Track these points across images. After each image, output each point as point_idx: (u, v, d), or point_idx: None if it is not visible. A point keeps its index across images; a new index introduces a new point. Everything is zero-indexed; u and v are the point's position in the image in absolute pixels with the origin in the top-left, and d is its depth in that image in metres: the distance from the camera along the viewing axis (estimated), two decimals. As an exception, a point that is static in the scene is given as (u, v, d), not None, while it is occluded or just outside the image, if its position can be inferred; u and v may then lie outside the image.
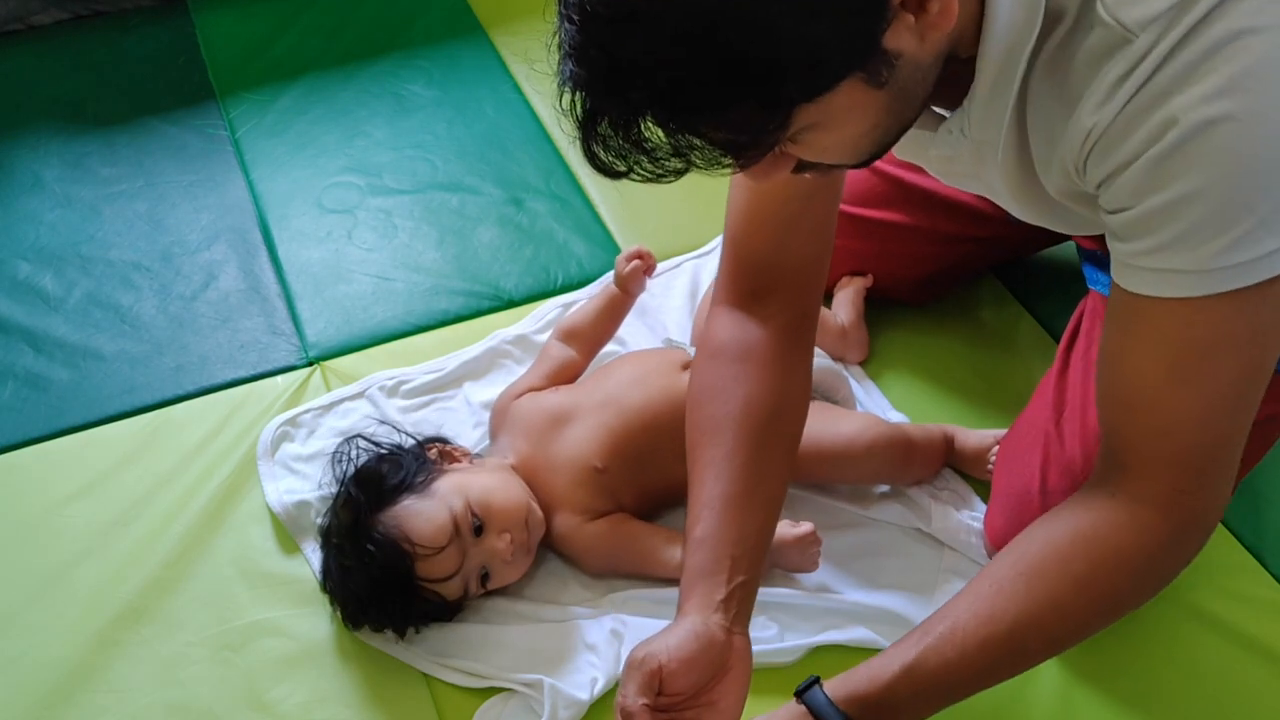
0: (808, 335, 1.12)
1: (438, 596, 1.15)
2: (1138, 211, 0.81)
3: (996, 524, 1.21)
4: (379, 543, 1.13)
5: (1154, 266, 0.81)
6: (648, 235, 1.62)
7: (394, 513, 1.15)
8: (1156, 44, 0.76)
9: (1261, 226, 0.77)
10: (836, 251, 1.42)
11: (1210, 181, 0.77)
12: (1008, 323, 1.50)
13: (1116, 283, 0.86)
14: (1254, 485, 1.29)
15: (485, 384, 1.41)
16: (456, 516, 1.15)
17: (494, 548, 1.16)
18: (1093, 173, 0.83)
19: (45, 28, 1.99)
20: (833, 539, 1.25)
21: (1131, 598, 0.95)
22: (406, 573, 1.13)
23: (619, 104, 0.73)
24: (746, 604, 0.99)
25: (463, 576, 1.16)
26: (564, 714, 1.11)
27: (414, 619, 1.16)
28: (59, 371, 1.46)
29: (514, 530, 1.17)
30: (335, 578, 1.17)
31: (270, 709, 1.15)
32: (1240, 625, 1.21)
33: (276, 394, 1.43)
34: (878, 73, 0.75)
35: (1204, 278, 0.79)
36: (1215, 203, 0.77)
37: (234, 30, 1.98)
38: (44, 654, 1.19)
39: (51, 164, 1.75)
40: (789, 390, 1.09)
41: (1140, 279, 0.83)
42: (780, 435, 1.07)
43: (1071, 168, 0.85)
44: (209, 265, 1.60)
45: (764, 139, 0.75)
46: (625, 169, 0.77)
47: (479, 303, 1.54)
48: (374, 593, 1.14)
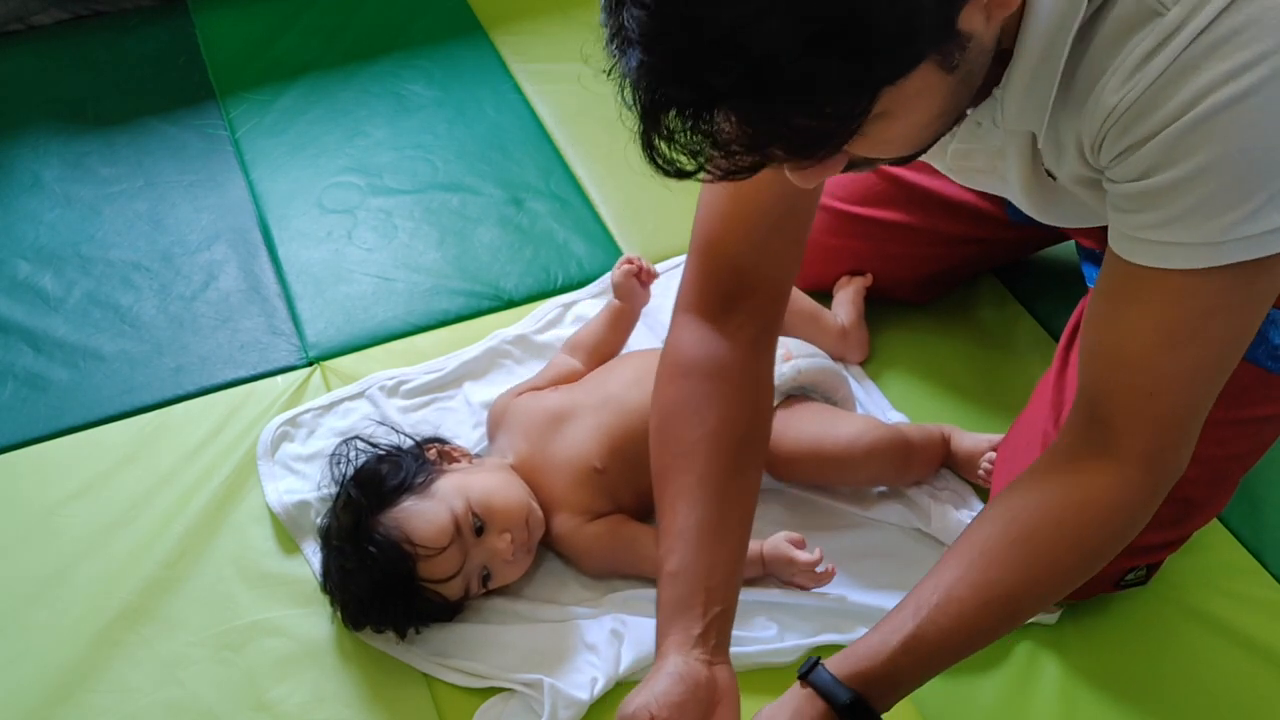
0: (771, 350, 1.12)
1: (439, 597, 1.15)
2: (1151, 183, 0.81)
3: None
4: (380, 544, 1.13)
5: (1160, 239, 0.82)
6: (648, 235, 1.62)
7: (395, 514, 1.15)
8: (1189, 18, 0.75)
9: (1270, 203, 0.78)
10: (836, 251, 1.42)
11: (1227, 156, 0.77)
12: (1008, 323, 1.50)
13: (1115, 253, 0.86)
14: (1254, 486, 1.29)
15: (485, 384, 1.41)
16: (458, 517, 1.15)
17: (495, 547, 1.16)
18: (1109, 149, 0.83)
19: (45, 28, 1.99)
20: (833, 540, 1.26)
21: (1114, 551, 0.96)
22: (408, 574, 1.13)
23: (695, 90, 0.68)
24: (725, 632, 1.00)
25: (464, 576, 1.16)
26: (564, 714, 1.11)
27: (415, 619, 1.16)
28: (59, 371, 1.46)
29: (515, 530, 1.17)
30: (336, 579, 1.17)
31: (270, 709, 1.15)
32: (1240, 625, 1.21)
33: (276, 394, 1.43)
34: (951, 55, 0.73)
35: (1211, 250, 0.80)
36: (1230, 177, 0.78)
37: (234, 30, 1.98)
38: (44, 654, 1.19)
39: (51, 164, 1.75)
40: (759, 409, 1.08)
41: (1144, 250, 0.84)
42: (752, 456, 1.07)
43: (1087, 146, 0.85)
44: (209, 265, 1.60)
45: (846, 126, 0.71)
46: (694, 168, 0.73)
47: (479, 303, 1.54)
48: (376, 594, 1.14)
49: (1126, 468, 0.90)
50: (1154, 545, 1.15)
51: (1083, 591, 1.18)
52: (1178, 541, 1.17)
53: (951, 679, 1.16)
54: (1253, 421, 1.11)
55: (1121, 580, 1.17)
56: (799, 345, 1.29)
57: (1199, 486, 1.10)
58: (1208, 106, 0.76)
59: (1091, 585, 1.16)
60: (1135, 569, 1.16)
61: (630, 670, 1.15)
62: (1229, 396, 0.96)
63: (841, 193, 1.41)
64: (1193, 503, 1.13)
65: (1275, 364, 1.07)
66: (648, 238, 1.62)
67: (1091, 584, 1.16)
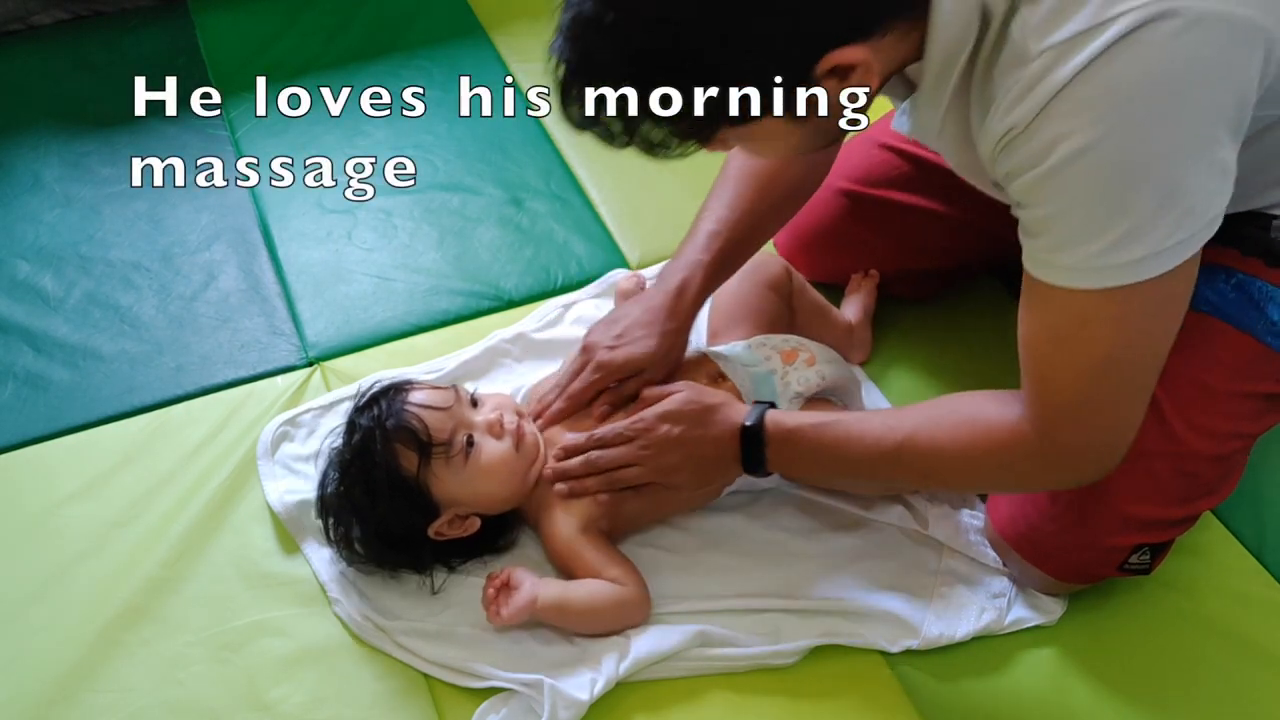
0: None
1: (423, 426, 1.17)
2: (1024, 214, 0.95)
3: (1000, 510, 1.22)
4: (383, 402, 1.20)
5: (1043, 258, 0.95)
6: (648, 235, 1.62)
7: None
8: (1050, 72, 0.86)
9: (1128, 236, 0.89)
10: (851, 237, 1.46)
11: (1076, 202, 0.90)
12: (1008, 323, 1.49)
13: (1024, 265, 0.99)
14: (1254, 486, 1.29)
15: (485, 384, 1.41)
16: (459, 389, 1.23)
17: (488, 418, 1.21)
18: (1000, 169, 0.95)
19: (45, 28, 1.99)
20: (833, 540, 1.26)
21: (991, 478, 1.13)
22: (402, 408, 1.18)
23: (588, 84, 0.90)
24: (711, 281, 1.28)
25: (453, 418, 1.19)
26: (564, 714, 1.11)
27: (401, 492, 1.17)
28: (59, 371, 1.46)
29: (505, 411, 1.23)
30: (335, 467, 1.20)
31: (270, 709, 1.15)
32: (1240, 625, 1.21)
33: (276, 394, 1.43)
34: (795, 113, 0.90)
35: (1080, 275, 0.93)
36: (1080, 219, 0.90)
37: (234, 30, 1.98)
38: (44, 654, 1.19)
39: (51, 164, 1.76)
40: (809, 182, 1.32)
41: (1032, 263, 0.97)
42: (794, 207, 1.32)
43: (989, 160, 0.97)
44: (209, 265, 1.60)
45: (698, 138, 0.93)
46: (587, 128, 0.94)
47: (479, 303, 1.54)
48: (365, 442, 1.17)
49: (1025, 424, 1.03)
50: (1160, 521, 1.15)
51: (1088, 574, 1.19)
52: (1184, 522, 1.17)
53: (951, 678, 1.17)
54: (1255, 397, 1.13)
55: (1125, 563, 1.17)
56: (823, 350, 1.29)
57: (1205, 461, 1.14)
58: (1056, 161, 0.88)
59: (1096, 567, 1.18)
60: (1140, 549, 1.16)
61: (630, 670, 1.15)
62: (1230, 367, 1.11)
63: (857, 174, 1.42)
64: (1200, 479, 1.14)
65: (1275, 340, 1.10)
66: (648, 238, 1.62)
67: (1096, 565, 1.18)
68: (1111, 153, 0.87)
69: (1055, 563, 1.19)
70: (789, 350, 1.27)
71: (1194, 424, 1.12)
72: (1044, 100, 0.87)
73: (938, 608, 1.20)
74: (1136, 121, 0.86)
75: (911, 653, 1.18)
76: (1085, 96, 0.86)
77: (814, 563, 1.24)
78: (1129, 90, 0.85)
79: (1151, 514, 1.15)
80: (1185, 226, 0.90)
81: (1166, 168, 0.87)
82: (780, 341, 1.29)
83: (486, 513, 1.22)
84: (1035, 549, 1.19)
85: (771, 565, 1.24)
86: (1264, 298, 1.09)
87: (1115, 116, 0.86)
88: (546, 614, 1.16)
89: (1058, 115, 0.87)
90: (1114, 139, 0.86)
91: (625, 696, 1.14)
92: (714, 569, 1.23)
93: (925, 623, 1.19)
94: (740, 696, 1.15)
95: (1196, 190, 0.89)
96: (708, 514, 1.28)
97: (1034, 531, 1.18)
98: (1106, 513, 1.14)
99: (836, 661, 1.17)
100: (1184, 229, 0.90)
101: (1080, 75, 0.85)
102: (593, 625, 1.17)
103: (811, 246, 1.47)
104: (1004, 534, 1.21)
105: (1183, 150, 0.87)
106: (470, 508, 1.20)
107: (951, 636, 1.18)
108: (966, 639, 1.19)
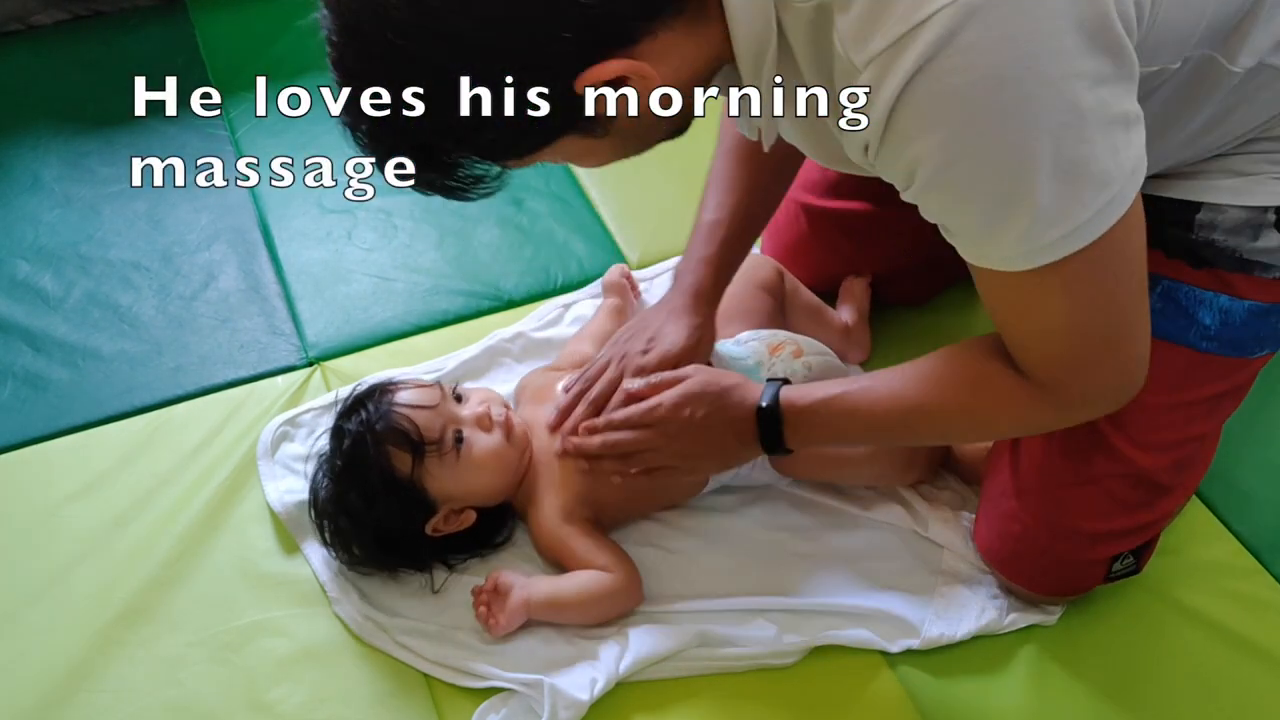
0: None
1: (413, 426, 1.17)
2: (931, 219, 0.92)
3: (982, 534, 1.23)
4: (370, 405, 1.21)
5: (973, 253, 0.92)
6: (648, 235, 1.62)
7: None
8: (881, 85, 0.81)
9: (1040, 223, 0.85)
10: (820, 250, 1.44)
11: (968, 209, 0.87)
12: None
13: None
14: (1253, 486, 1.29)
15: (484, 384, 1.41)
16: (442, 385, 1.24)
17: (475, 412, 1.22)
18: (884, 178, 0.91)
19: (45, 28, 1.99)
20: (833, 540, 1.26)
21: (1008, 434, 1.16)
22: (390, 410, 1.19)
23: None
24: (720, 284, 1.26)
25: (441, 415, 1.20)
26: (564, 714, 1.11)
27: (393, 487, 1.18)
28: (58, 371, 1.46)
29: (492, 404, 1.24)
30: (324, 470, 1.21)
31: (270, 709, 1.15)
32: (1240, 625, 1.21)
33: (276, 394, 1.43)
34: (591, 131, 0.88)
35: (1012, 261, 0.90)
36: (981, 222, 0.88)
37: (234, 30, 1.98)
38: (44, 654, 1.19)
39: (51, 164, 1.75)
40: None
41: (968, 257, 0.93)
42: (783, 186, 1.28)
43: (869, 166, 0.92)
44: (209, 265, 1.60)
45: (499, 166, 0.92)
46: None
47: (479, 303, 1.54)
48: (356, 446, 1.18)
49: (1031, 382, 1.00)
50: (1129, 529, 1.15)
51: (1075, 587, 1.19)
52: (1155, 524, 1.17)
53: (951, 678, 1.17)
54: (1201, 402, 1.12)
55: (1110, 572, 1.17)
56: (809, 343, 1.30)
57: (1162, 472, 1.13)
58: (922, 182, 0.86)
59: (1083, 579, 1.18)
60: (1121, 556, 1.17)
61: (630, 670, 1.15)
62: (1167, 382, 1.07)
63: (809, 184, 1.42)
64: (1160, 487, 1.14)
65: (1209, 344, 1.08)
66: (648, 238, 1.62)
67: (1082, 578, 1.18)
68: (971, 165, 0.83)
69: (1040, 582, 1.19)
70: (775, 344, 1.28)
71: (1138, 442, 1.11)
72: (884, 117, 0.82)
73: (938, 608, 1.20)
74: (980, 128, 0.81)
75: (911, 653, 1.18)
76: (922, 111, 0.81)
77: (814, 563, 1.24)
78: (961, 96, 0.80)
79: (1117, 526, 1.14)
80: (1102, 193, 0.84)
81: (1041, 152, 0.81)
82: (768, 336, 1.30)
83: (481, 505, 1.23)
84: (1019, 571, 1.19)
85: (771, 565, 1.24)
86: (1193, 303, 1.07)
87: (957, 127, 0.81)
88: (541, 612, 1.17)
89: (902, 134, 0.83)
90: (966, 151, 0.82)
91: (625, 696, 1.14)
92: (714, 569, 1.24)
93: (925, 623, 1.19)
94: (740, 696, 1.15)
95: (1095, 156, 0.83)
96: (708, 514, 1.28)
97: (1014, 555, 1.19)
98: (1073, 535, 1.15)
99: (836, 661, 1.18)
100: (1102, 195, 0.84)
101: (908, 88, 0.80)
102: (587, 616, 1.18)
103: (794, 255, 1.45)
104: (988, 557, 1.22)
105: (1050, 133, 0.81)
106: (465, 501, 1.21)
107: (951, 636, 1.18)
108: (966, 639, 1.19)
